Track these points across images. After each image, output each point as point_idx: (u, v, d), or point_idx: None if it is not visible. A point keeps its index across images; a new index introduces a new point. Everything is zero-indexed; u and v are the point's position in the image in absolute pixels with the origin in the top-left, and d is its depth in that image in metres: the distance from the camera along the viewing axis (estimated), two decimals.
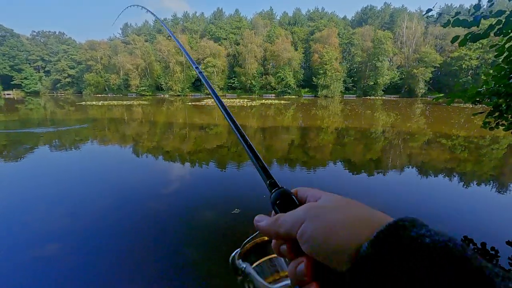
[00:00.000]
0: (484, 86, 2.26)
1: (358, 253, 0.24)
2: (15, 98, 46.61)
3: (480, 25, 2.00)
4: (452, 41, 2.15)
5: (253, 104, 28.34)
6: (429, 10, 2.13)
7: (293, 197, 0.36)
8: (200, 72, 0.87)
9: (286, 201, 0.36)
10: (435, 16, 2.20)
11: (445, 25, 2.09)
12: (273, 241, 0.34)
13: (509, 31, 1.82)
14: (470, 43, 2.17)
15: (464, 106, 28.18)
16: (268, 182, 0.41)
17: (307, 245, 0.27)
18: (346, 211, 0.28)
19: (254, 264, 0.43)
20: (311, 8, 75.60)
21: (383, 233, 0.23)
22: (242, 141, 0.51)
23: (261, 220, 0.35)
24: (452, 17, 1.97)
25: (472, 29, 1.97)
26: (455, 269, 0.20)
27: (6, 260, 2.65)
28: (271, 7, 77.65)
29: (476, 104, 2.22)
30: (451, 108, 25.42)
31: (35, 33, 76.41)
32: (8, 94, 64.48)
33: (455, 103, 32.96)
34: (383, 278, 0.22)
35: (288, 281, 0.37)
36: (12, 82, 69.96)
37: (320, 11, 72.87)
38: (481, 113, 2.39)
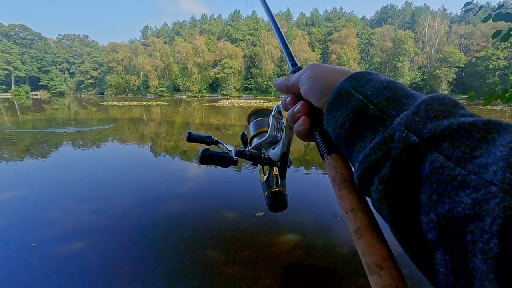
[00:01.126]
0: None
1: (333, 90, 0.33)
2: (42, 99, 48.98)
3: None
4: (493, 36, 1.99)
5: (269, 105, 28.09)
6: (468, 3, 1.98)
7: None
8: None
9: (297, 71, 0.44)
10: (476, 9, 2.03)
11: (485, 20, 1.93)
12: (282, 98, 0.43)
13: None
14: (497, 43, 1.99)
15: (492, 108, 26.74)
16: (291, 63, 0.51)
17: (304, 86, 0.37)
18: (335, 67, 0.37)
19: (252, 122, 0.59)
20: (329, 9, 74.79)
21: (355, 74, 0.32)
22: (274, 28, 0.62)
23: (278, 79, 0.45)
24: (494, 11, 1.82)
25: None
26: (394, 91, 0.29)
27: (32, 255, 2.72)
28: (288, 8, 77.56)
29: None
30: (477, 110, 24.21)
31: (61, 36, 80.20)
32: (35, 95, 67.95)
33: (478, 105, 31.40)
34: (347, 102, 0.30)
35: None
36: (39, 83, 73.80)
37: (338, 11, 71.82)
38: None
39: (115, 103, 31.19)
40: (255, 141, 0.56)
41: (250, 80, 64.66)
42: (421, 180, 0.22)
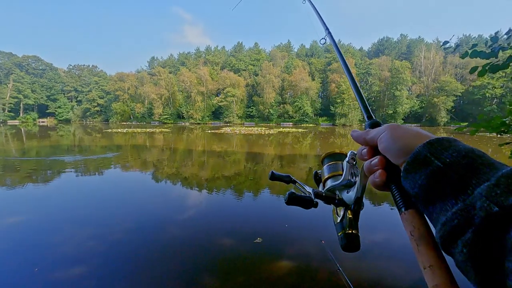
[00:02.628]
0: (509, 116, 2.21)
1: (411, 153, 0.36)
2: (48, 125, 50.02)
3: (501, 55, 2.01)
4: (471, 72, 2.16)
5: (271, 132, 28.63)
6: (446, 42, 2.19)
7: (381, 124, 0.49)
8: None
9: (375, 125, 0.50)
10: (452, 47, 2.23)
11: (463, 56, 2.11)
12: (359, 148, 0.48)
13: None
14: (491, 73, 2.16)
15: (491, 135, 26.92)
16: (366, 115, 0.56)
17: (383, 144, 0.41)
18: (413, 129, 0.39)
19: (325, 164, 0.63)
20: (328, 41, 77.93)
21: (433, 140, 0.35)
22: (350, 80, 0.69)
23: (356, 131, 0.49)
24: (470, 49, 2.01)
25: (492, 59, 1.99)
26: (473, 157, 0.31)
27: (34, 280, 2.72)
28: (288, 40, 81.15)
29: (501, 134, 2.16)
30: (477, 137, 24.37)
31: (71, 67, 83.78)
32: (42, 122, 69.49)
33: (481, 132, 31.59)
34: (426, 167, 0.33)
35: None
36: (47, 111, 75.80)
37: (337, 43, 74.94)
38: (507, 143, 2.31)
39: (119, 130, 31.76)
40: (329, 183, 0.58)
41: (252, 108, 66.06)
42: (506, 248, 0.23)
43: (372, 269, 3.04)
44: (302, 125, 55.98)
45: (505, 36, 2.01)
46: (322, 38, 1.02)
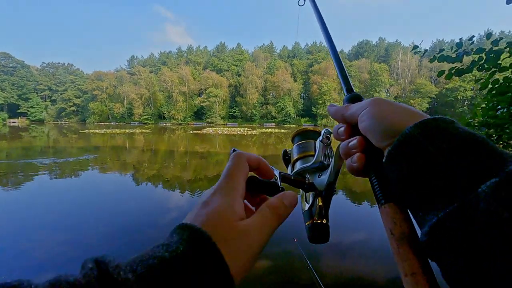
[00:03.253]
0: (474, 118, 2.35)
1: (399, 133, 0.30)
2: (20, 126, 47.41)
3: (467, 59, 2.14)
4: (438, 75, 2.29)
5: (253, 133, 28.70)
6: (415, 47, 2.30)
7: (363, 99, 0.44)
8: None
9: (356, 100, 0.44)
10: (422, 51, 2.35)
11: (431, 61, 2.23)
12: (335, 126, 0.43)
13: (491, 66, 1.95)
14: (463, 76, 2.29)
15: None
16: (345, 87, 0.50)
17: (365, 123, 0.35)
18: (401, 105, 0.34)
19: (296, 143, 0.56)
20: (310, 42, 79.38)
21: (429, 121, 0.29)
22: (331, 51, 0.63)
23: (333, 106, 0.44)
24: (437, 54, 2.12)
25: (457, 64, 2.11)
26: (477, 145, 0.25)
27: None
28: (271, 41, 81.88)
29: None
30: None
31: (44, 64, 79.84)
32: (13, 122, 65.73)
33: None
34: (416, 154, 0.28)
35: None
36: (18, 111, 71.74)
37: (318, 45, 76.51)
38: None
39: (97, 130, 30.66)
40: (299, 165, 0.52)
41: (235, 109, 65.94)
42: None
43: (344, 267, 3.11)
44: (285, 125, 56.57)
45: (468, 42, 2.14)
46: None
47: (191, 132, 30.63)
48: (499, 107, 2.11)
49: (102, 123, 61.74)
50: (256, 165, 0.39)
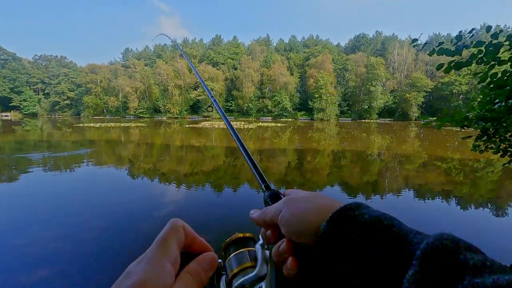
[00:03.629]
0: (471, 111, 2.35)
1: (318, 231, 0.31)
2: (12, 120, 46.66)
3: (465, 53, 2.13)
4: (437, 68, 2.27)
5: (250, 127, 28.63)
6: (415, 40, 2.28)
7: (281, 196, 0.43)
8: (215, 100, 1.02)
9: (275, 199, 0.43)
10: (421, 44, 2.33)
11: (430, 54, 2.22)
12: (262, 229, 0.42)
13: (490, 60, 1.94)
14: (459, 70, 2.29)
15: (457, 129, 28.69)
16: (263, 185, 0.49)
17: (285, 228, 0.36)
18: (314, 200, 0.36)
19: (232, 254, 0.46)
20: (306, 36, 79.03)
21: (335, 214, 0.31)
22: (242, 150, 0.63)
23: (254, 213, 0.44)
24: (437, 47, 2.10)
25: (456, 57, 2.10)
26: (383, 233, 0.28)
27: None
28: (267, 34, 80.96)
29: (465, 128, 2.30)
30: (445, 131, 25.90)
31: (37, 57, 78.25)
32: (5, 116, 64.62)
33: (449, 127, 33.61)
34: (336, 246, 0.29)
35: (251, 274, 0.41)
36: (10, 104, 70.50)
37: (314, 38, 76.05)
38: (469, 137, 2.46)
39: (91, 124, 30.32)
40: (240, 281, 0.43)
41: (231, 102, 65.58)
42: None
43: None
44: (281, 119, 56.51)
45: (468, 35, 2.12)
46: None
47: (187, 126, 30.45)
48: (497, 100, 2.11)
49: (97, 117, 61.04)
50: (191, 240, 0.35)
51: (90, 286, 2.60)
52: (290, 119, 57.28)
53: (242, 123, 36.77)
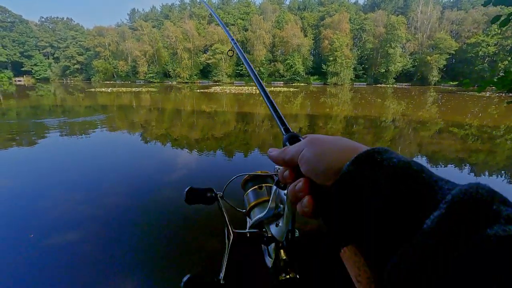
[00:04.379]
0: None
1: (340, 171, 0.30)
2: (26, 85, 47.36)
3: None
4: (493, 22, 2.01)
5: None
6: None
7: (300, 138, 0.43)
8: (235, 43, 0.94)
9: (294, 141, 0.42)
10: None
11: (485, 3, 1.96)
12: (280, 169, 0.41)
13: None
14: (488, 29, 2.04)
15: (480, 94, 27.30)
16: (283, 128, 0.49)
17: (305, 166, 0.35)
18: (338, 142, 0.34)
19: (250, 189, 0.51)
20: None
21: (361, 155, 0.29)
22: (262, 91, 0.62)
23: (273, 151, 0.43)
24: None
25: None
26: (412, 178, 0.25)
27: (28, 247, 2.74)
28: None
29: (506, 93, 2.10)
30: (468, 96, 24.68)
31: (43, 19, 76.56)
32: (19, 81, 65.49)
33: (470, 91, 31.97)
34: (357, 188, 0.28)
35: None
36: (22, 69, 70.89)
37: None
38: None
39: (103, 89, 30.46)
40: (257, 213, 0.48)
41: (242, 66, 63.67)
42: None
43: None
44: (293, 84, 54.96)
45: None
46: (229, 50, 0.95)
47: (198, 91, 30.16)
48: None
49: (108, 82, 61.05)
50: None
51: (118, 249, 2.77)
52: (302, 84, 55.67)
53: (254, 88, 36.03)
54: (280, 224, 0.43)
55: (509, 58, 46.32)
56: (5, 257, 2.58)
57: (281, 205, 0.44)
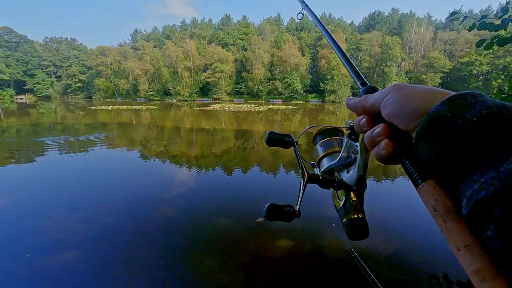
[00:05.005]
0: (509, 92, 2.15)
1: (427, 113, 0.29)
2: (27, 103, 47.71)
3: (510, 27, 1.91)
4: (478, 45, 2.05)
5: (260, 109, 28.34)
6: (453, 13, 2.05)
7: (378, 89, 0.42)
8: (306, 5, 0.91)
9: (373, 90, 0.43)
10: (461, 18, 2.11)
11: (470, 29, 2.00)
12: (356, 119, 0.41)
13: None
14: (480, 49, 2.06)
15: None
16: (359, 82, 0.50)
17: (389, 109, 0.34)
18: (425, 87, 0.33)
19: (319, 142, 0.56)
20: (319, 14, 75.48)
21: (453, 97, 0.28)
22: (334, 46, 0.63)
23: (351, 99, 0.43)
24: (478, 21, 1.89)
25: (501, 32, 1.88)
26: (508, 118, 0.24)
27: (25, 267, 2.63)
28: (278, 13, 78.55)
29: None
30: None
31: (47, 39, 78.54)
32: (21, 99, 66.08)
33: None
34: (447, 128, 0.27)
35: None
36: (24, 87, 71.84)
37: (327, 17, 73.06)
38: None
39: (104, 107, 30.67)
40: (325, 163, 0.52)
41: (241, 84, 64.78)
42: None
43: (386, 252, 2.93)
44: (292, 102, 55.65)
45: None
46: (299, 13, 0.92)
47: (197, 108, 30.40)
48: None
49: (108, 100, 61.69)
50: None
51: (116, 267, 2.64)
52: (300, 102, 56.37)
53: (253, 105, 36.42)
54: (351, 171, 0.47)
55: (502, 76, 47.94)
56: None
57: (353, 155, 0.48)
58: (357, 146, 0.47)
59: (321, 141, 0.56)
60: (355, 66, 0.55)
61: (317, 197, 4.02)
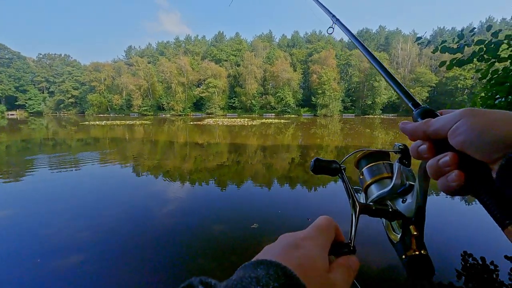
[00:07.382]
0: (473, 106, 2.42)
1: None
2: (18, 118, 47.22)
3: (467, 49, 2.19)
4: (440, 65, 2.33)
5: (253, 124, 28.69)
6: (419, 38, 2.35)
7: (437, 113, 0.39)
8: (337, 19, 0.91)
9: (429, 115, 0.39)
10: (425, 42, 2.39)
11: (434, 51, 2.28)
12: (413, 144, 0.38)
13: (490, 57, 2.01)
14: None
15: None
16: (411, 103, 0.46)
17: (462, 137, 0.30)
18: (503, 112, 0.29)
19: (365, 167, 0.51)
20: (309, 31, 78.51)
21: None
22: (381, 70, 0.59)
23: (407, 123, 0.39)
24: (439, 45, 2.17)
25: (458, 54, 2.16)
26: None
27: (32, 270, 2.75)
28: (270, 30, 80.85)
29: None
30: None
31: (41, 56, 78.74)
32: (11, 114, 65.39)
33: None
34: None
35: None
36: (16, 103, 71.24)
37: (317, 34, 75.50)
38: None
39: (97, 122, 30.62)
40: (375, 191, 0.48)
41: (234, 99, 65.63)
42: None
43: (377, 267, 2.92)
44: (284, 116, 56.41)
45: (469, 34, 2.18)
46: (330, 27, 0.94)
47: (191, 123, 30.59)
48: (498, 96, 2.17)
49: (101, 115, 61.50)
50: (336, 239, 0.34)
51: (117, 272, 2.74)
52: (293, 116, 57.19)
53: (246, 119, 36.83)
54: (408, 200, 0.43)
55: (485, 91, 49.81)
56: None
57: (407, 182, 0.44)
58: (410, 172, 0.44)
59: (367, 166, 0.52)
60: (403, 86, 0.51)
61: (297, 203, 4.19)
